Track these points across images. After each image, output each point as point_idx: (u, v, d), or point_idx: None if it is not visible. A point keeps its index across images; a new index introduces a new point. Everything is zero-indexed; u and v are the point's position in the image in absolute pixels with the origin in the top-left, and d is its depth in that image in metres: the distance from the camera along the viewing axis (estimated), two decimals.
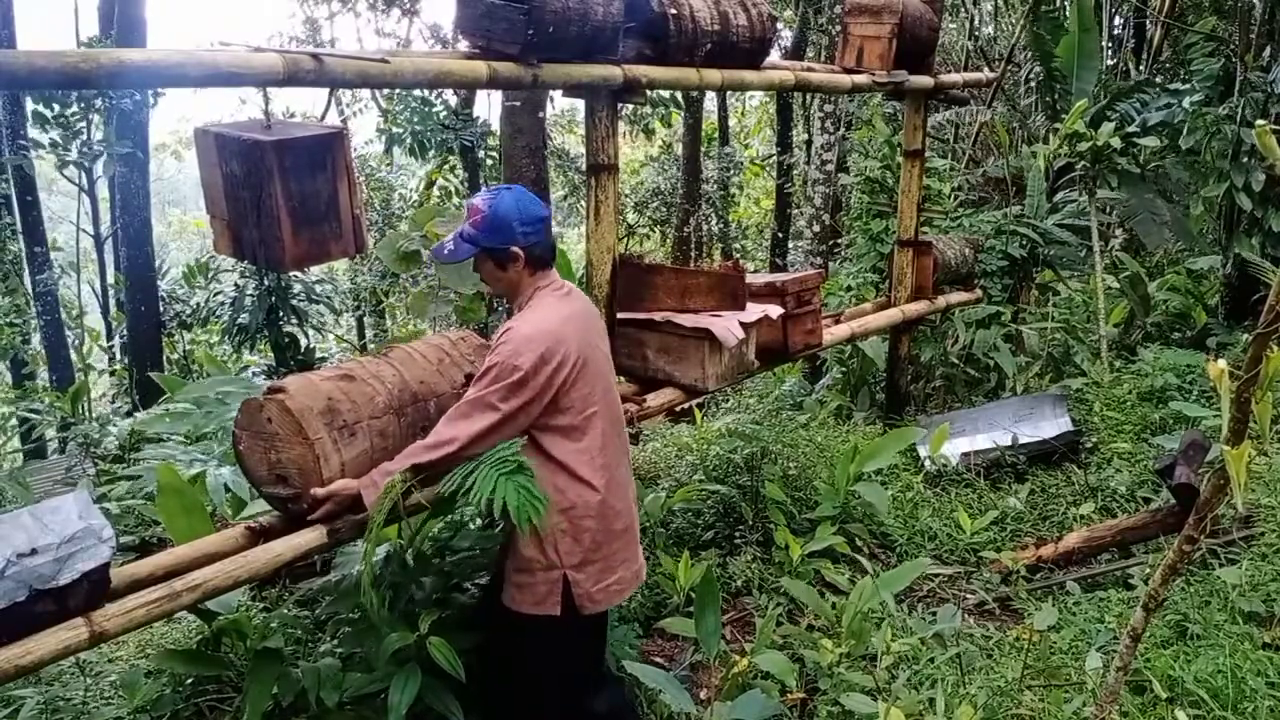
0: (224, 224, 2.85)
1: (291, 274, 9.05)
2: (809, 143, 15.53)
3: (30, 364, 12.02)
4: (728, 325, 3.95)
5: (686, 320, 3.99)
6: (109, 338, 12.01)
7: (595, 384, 2.82)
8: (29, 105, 10.46)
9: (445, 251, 2.89)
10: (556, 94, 4.06)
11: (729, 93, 15.31)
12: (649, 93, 3.92)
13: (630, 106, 5.61)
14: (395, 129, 11.09)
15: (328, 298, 10.16)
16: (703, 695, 3.29)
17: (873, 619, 3.45)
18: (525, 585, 2.81)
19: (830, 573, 4.11)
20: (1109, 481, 4.96)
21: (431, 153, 11.46)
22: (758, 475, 4.86)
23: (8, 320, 10.92)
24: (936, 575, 4.38)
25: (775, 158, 16.29)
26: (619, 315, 4.04)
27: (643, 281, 4.15)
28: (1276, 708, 2.80)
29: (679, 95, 13.00)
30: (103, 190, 13.10)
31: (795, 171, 15.73)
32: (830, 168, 10.75)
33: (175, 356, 12.52)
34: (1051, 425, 5.46)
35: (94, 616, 2.37)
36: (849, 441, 5.40)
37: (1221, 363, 2.14)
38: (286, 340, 9.15)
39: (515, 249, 2.80)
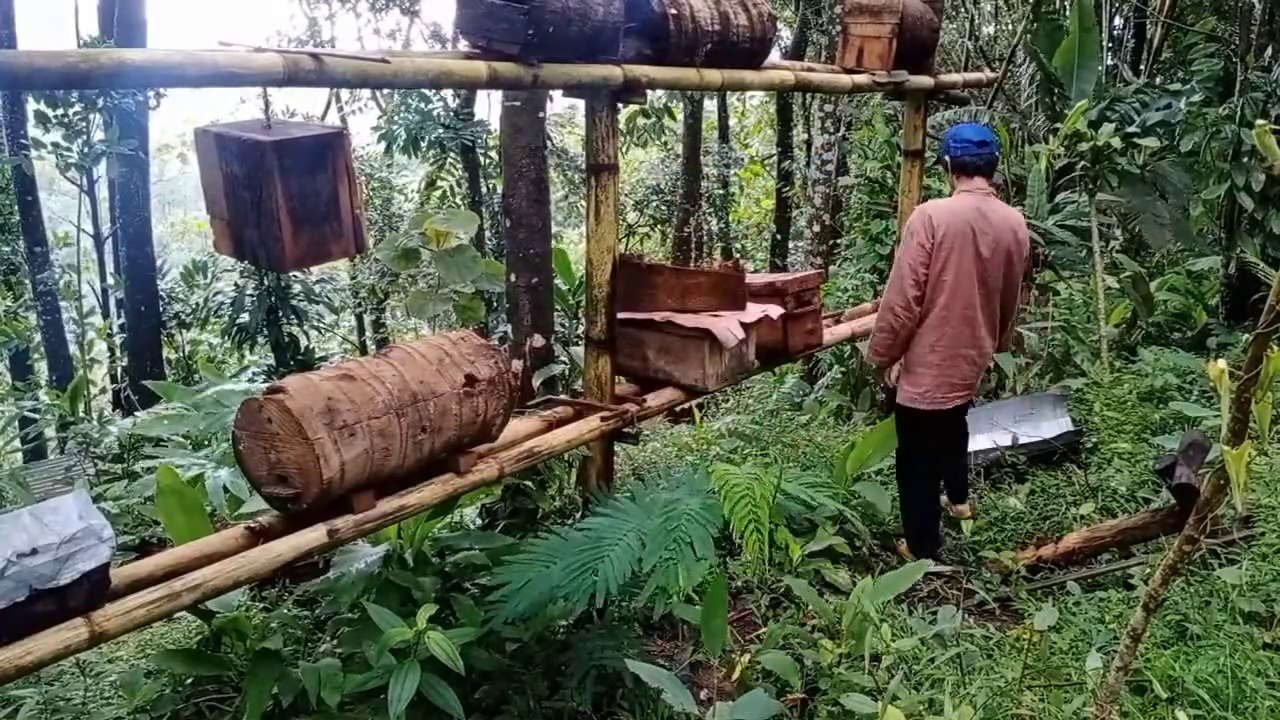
0: (224, 224, 2.85)
1: (291, 274, 9.06)
2: (809, 143, 15.52)
3: (31, 359, 12.03)
4: (728, 325, 3.95)
5: (687, 320, 3.99)
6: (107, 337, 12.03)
7: (954, 264, 4.12)
8: (30, 105, 10.47)
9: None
10: (556, 94, 4.06)
11: (729, 93, 15.31)
12: (648, 97, 3.93)
13: (623, 118, 5.62)
14: (391, 126, 11.10)
15: (327, 298, 10.17)
16: (703, 695, 3.29)
17: (873, 619, 3.45)
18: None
19: (830, 573, 4.10)
20: (1109, 481, 4.96)
21: (426, 149, 11.45)
22: None
23: (12, 313, 10.93)
24: (937, 575, 4.37)
25: (775, 159, 16.29)
26: (619, 315, 4.04)
27: (643, 281, 4.14)
28: (1276, 708, 2.80)
29: (671, 106, 13.06)
30: (103, 190, 13.09)
31: (795, 175, 15.71)
32: (830, 168, 10.75)
33: (175, 356, 12.52)
34: (1052, 425, 5.46)
35: (94, 616, 2.37)
36: (849, 441, 5.40)
37: (1221, 363, 2.14)
38: (286, 340, 9.15)
39: (947, 157, 4.29)
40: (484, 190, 13.36)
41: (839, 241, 10.63)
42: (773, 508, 3.32)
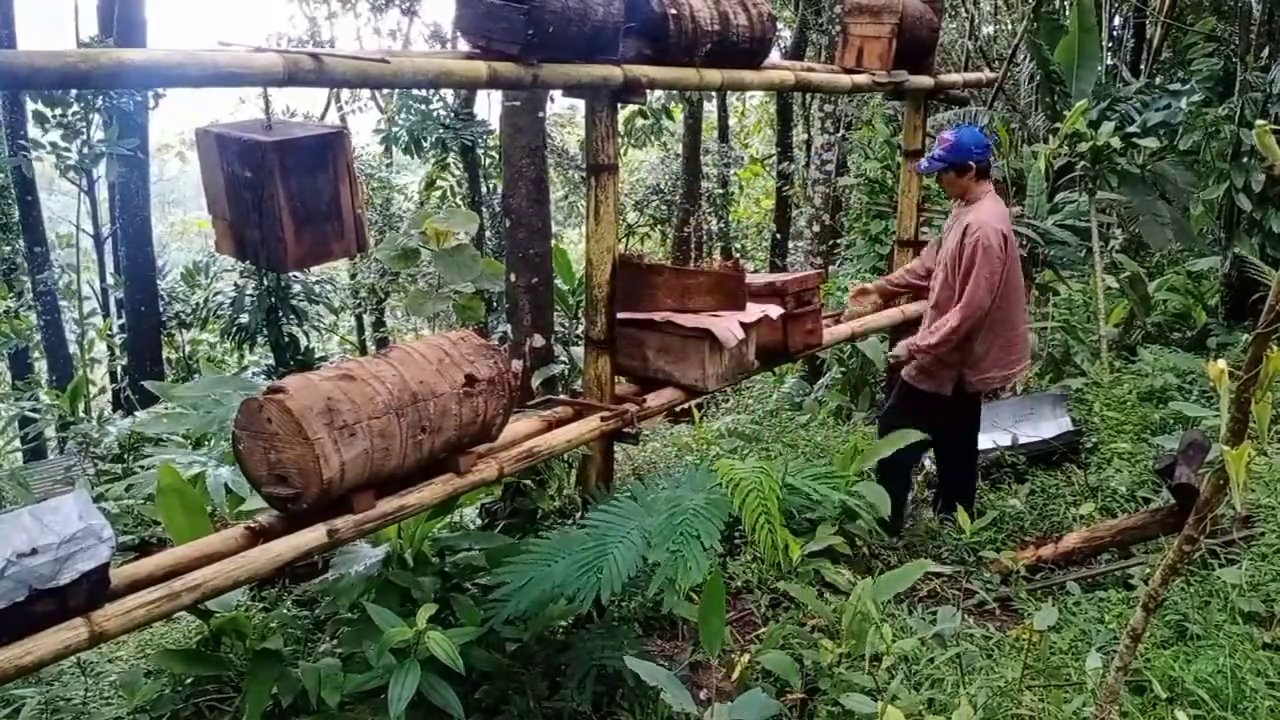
0: (226, 224, 2.85)
1: (291, 274, 9.06)
2: (809, 143, 15.52)
3: (31, 359, 12.03)
4: (728, 325, 3.95)
5: (686, 320, 3.99)
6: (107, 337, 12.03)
7: (1013, 263, 4.43)
8: (29, 106, 10.47)
9: (923, 166, 4.60)
10: (556, 94, 4.06)
11: (729, 93, 15.31)
12: (648, 97, 3.93)
13: (621, 119, 5.65)
14: (393, 127, 11.10)
15: (327, 298, 10.18)
16: (703, 695, 3.29)
17: (873, 619, 3.45)
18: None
19: (830, 573, 4.10)
20: (1109, 481, 4.96)
21: (428, 150, 11.45)
22: None
23: (13, 313, 10.94)
24: (937, 575, 4.37)
25: (775, 159, 16.28)
26: (619, 315, 4.03)
27: (643, 281, 4.14)
28: (1276, 708, 2.80)
29: (670, 107, 13.08)
30: (103, 190, 13.09)
31: (794, 175, 15.71)
32: (830, 168, 10.75)
33: (175, 356, 12.52)
34: (1051, 425, 5.45)
35: (94, 616, 2.37)
36: (849, 441, 5.40)
37: (1221, 363, 2.14)
38: (286, 340, 9.16)
39: (971, 163, 4.35)
40: (484, 190, 13.36)
41: (839, 241, 10.64)
42: (780, 501, 3.33)
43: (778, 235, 15.79)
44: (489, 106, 16.78)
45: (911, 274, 5.08)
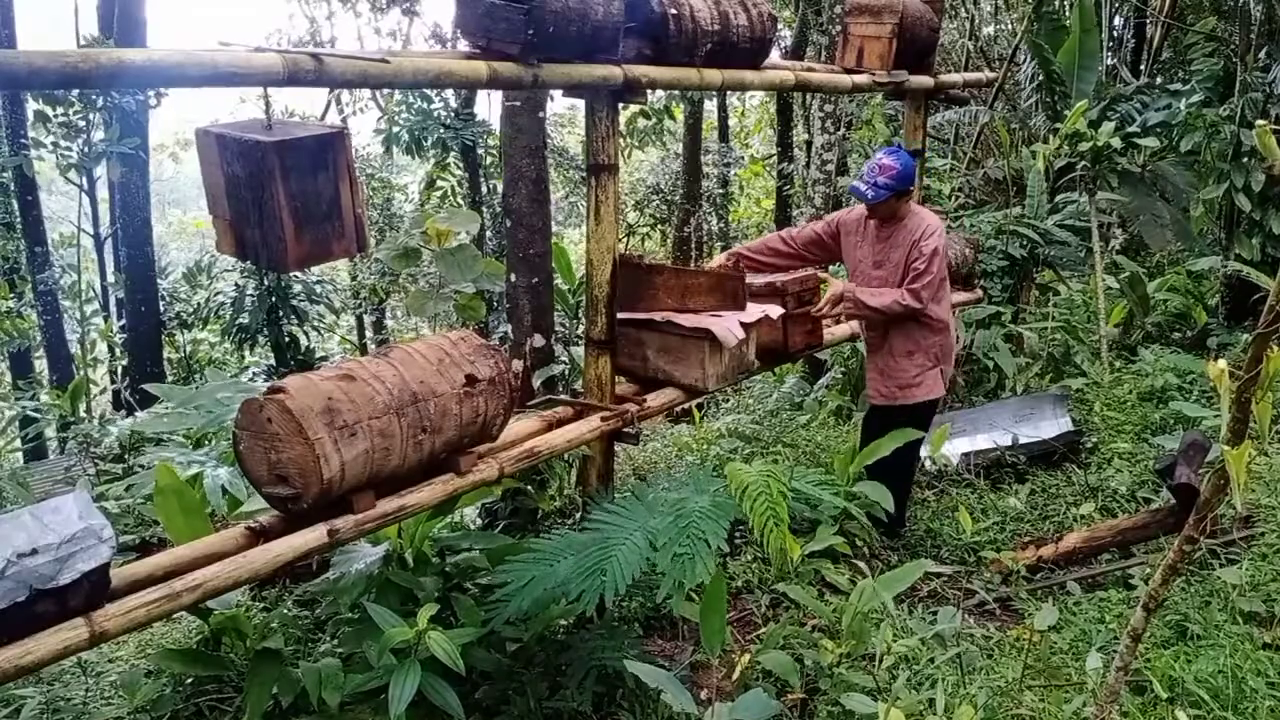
0: (226, 224, 2.85)
1: (292, 274, 9.06)
2: (809, 143, 15.50)
3: (31, 359, 12.04)
4: (728, 325, 3.95)
5: (686, 320, 3.99)
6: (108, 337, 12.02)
7: None
8: (30, 105, 10.47)
9: (870, 195, 4.41)
10: (556, 94, 4.06)
11: (729, 93, 15.31)
12: (648, 97, 3.93)
13: (624, 120, 5.64)
14: (394, 127, 11.09)
15: (328, 298, 10.18)
16: (703, 695, 3.29)
17: (873, 619, 3.45)
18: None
19: (830, 573, 4.10)
20: (1109, 481, 4.96)
21: (428, 150, 11.44)
22: None
23: (15, 313, 10.94)
24: (937, 575, 4.37)
25: (775, 160, 16.28)
26: (619, 315, 4.04)
27: (643, 281, 4.14)
28: (1276, 708, 2.80)
29: (671, 106, 13.08)
30: (102, 190, 13.08)
31: (795, 175, 15.70)
32: (830, 168, 10.73)
33: (176, 356, 12.52)
34: (1051, 425, 5.46)
35: (94, 616, 2.37)
36: (849, 441, 5.40)
37: (1221, 363, 2.14)
38: (287, 340, 9.16)
39: (911, 188, 4.49)
40: (484, 190, 13.34)
41: None
42: (787, 505, 3.36)
43: None
44: (489, 106, 16.75)
45: (774, 253, 4.87)
